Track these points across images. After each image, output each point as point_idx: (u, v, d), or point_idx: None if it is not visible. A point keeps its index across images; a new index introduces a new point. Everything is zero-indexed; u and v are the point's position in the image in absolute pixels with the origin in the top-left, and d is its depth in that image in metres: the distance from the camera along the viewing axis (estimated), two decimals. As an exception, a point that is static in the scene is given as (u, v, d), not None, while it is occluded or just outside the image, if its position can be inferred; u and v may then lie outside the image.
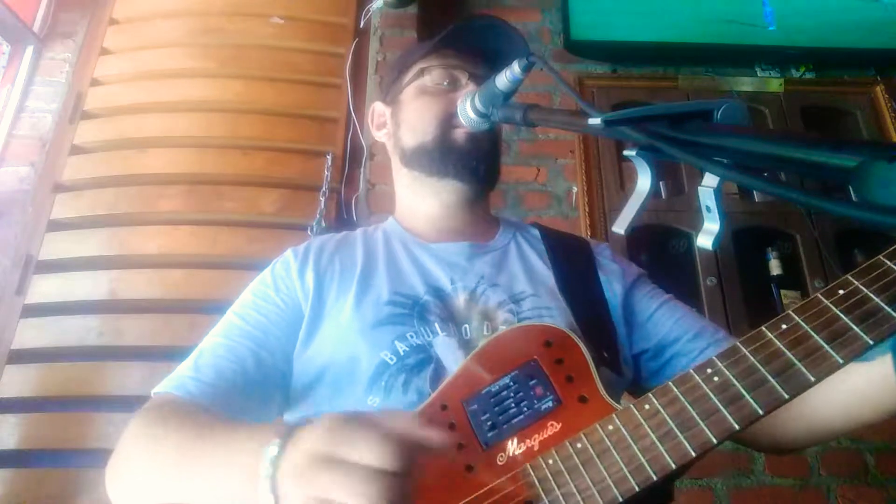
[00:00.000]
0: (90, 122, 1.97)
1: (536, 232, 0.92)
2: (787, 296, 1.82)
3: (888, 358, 0.55)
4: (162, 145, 1.90)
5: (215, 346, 0.75)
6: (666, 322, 0.80)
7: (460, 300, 0.78)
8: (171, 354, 0.76)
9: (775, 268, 1.87)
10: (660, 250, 1.90)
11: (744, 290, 1.81)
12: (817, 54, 2.20)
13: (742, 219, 1.91)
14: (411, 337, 0.73)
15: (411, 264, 0.83)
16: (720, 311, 1.77)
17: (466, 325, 0.75)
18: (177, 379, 0.73)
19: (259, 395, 0.75)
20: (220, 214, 1.82)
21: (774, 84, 2.18)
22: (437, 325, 0.74)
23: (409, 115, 0.91)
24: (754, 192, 1.94)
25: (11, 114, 1.97)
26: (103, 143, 1.93)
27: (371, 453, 0.43)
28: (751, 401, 0.50)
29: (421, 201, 0.91)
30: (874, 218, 0.36)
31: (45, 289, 1.72)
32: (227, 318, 0.80)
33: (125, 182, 1.86)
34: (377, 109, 0.99)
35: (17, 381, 1.61)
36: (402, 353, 0.72)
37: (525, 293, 0.79)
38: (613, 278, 0.84)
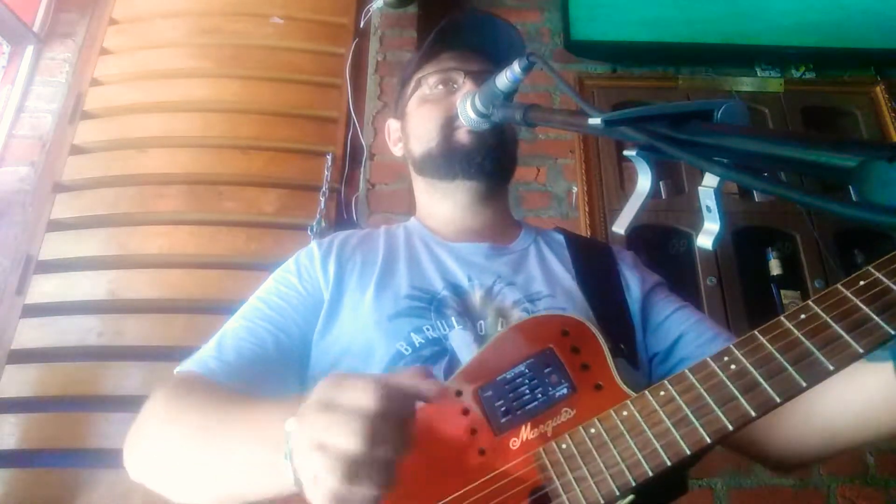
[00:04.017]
0: (90, 122, 1.96)
1: (560, 237, 0.93)
2: (787, 296, 1.82)
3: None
4: (161, 145, 1.90)
5: (237, 328, 0.78)
6: (679, 326, 0.81)
7: (476, 297, 0.80)
8: (171, 354, 0.77)
9: (775, 268, 1.87)
10: (660, 250, 1.90)
11: (744, 290, 1.80)
12: (817, 54, 2.20)
13: (742, 219, 1.91)
14: (428, 330, 0.74)
15: (431, 261, 0.85)
16: (720, 311, 1.76)
17: (482, 322, 0.77)
18: (199, 358, 0.75)
19: (276, 376, 0.77)
20: (219, 214, 1.81)
21: (774, 84, 2.18)
22: (453, 318, 0.76)
23: (414, 124, 0.93)
24: (754, 192, 1.94)
25: (11, 114, 1.96)
26: (103, 143, 1.93)
27: (361, 396, 0.46)
28: (768, 388, 0.49)
29: (437, 205, 0.94)
30: (874, 218, 0.36)
31: (45, 289, 1.72)
32: (249, 302, 0.82)
33: (125, 182, 1.86)
34: (391, 126, 1.03)
35: (17, 381, 1.60)
36: (417, 345, 0.73)
37: (541, 293, 0.80)
38: (633, 283, 0.85)
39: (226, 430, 0.59)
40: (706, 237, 0.51)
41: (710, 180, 0.50)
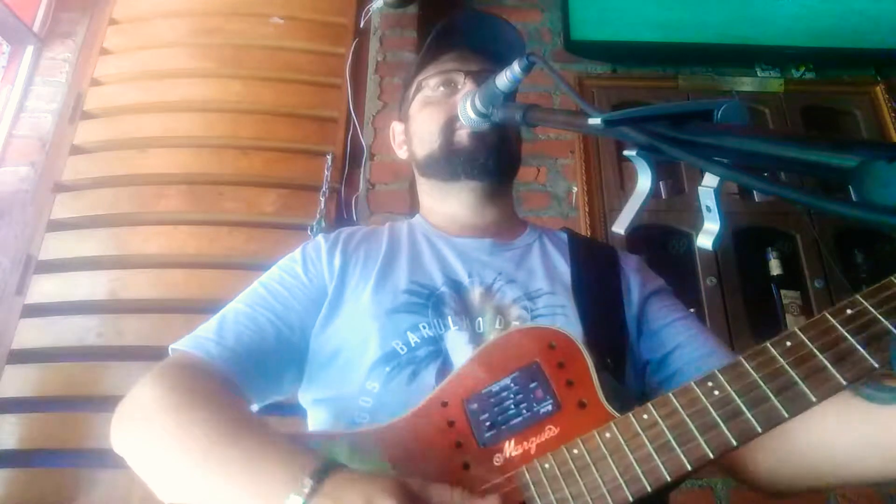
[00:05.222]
0: (90, 122, 1.97)
1: (564, 235, 0.93)
2: (787, 296, 1.82)
3: None
4: (162, 145, 1.90)
5: (237, 313, 0.77)
6: (676, 337, 0.79)
7: (476, 294, 0.79)
8: (171, 354, 0.77)
9: (775, 268, 1.87)
10: (660, 250, 1.90)
11: (744, 290, 1.80)
12: (817, 54, 2.20)
13: (742, 219, 1.91)
14: (424, 328, 0.74)
15: (432, 256, 0.85)
16: (720, 311, 1.76)
17: (480, 319, 0.76)
18: (197, 339, 0.74)
19: (274, 366, 0.77)
20: (219, 214, 1.82)
21: (774, 84, 2.18)
22: (450, 318, 0.75)
23: (416, 127, 0.93)
24: (754, 192, 1.94)
25: (11, 114, 1.97)
26: (103, 143, 1.93)
27: None
28: (750, 418, 0.50)
29: (442, 204, 0.94)
30: (874, 218, 0.36)
31: (45, 289, 1.72)
32: (252, 288, 0.82)
33: (125, 182, 1.86)
34: (396, 129, 1.03)
35: (17, 381, 1.61)
36: (413, 345, 0.73)
37: (541, 290, 0.80)
38: (634, 286, 0.84)
39: (226, 463, 0.58)
40: (706, 237, 0.51)
41: (710, 180, 0.50)
